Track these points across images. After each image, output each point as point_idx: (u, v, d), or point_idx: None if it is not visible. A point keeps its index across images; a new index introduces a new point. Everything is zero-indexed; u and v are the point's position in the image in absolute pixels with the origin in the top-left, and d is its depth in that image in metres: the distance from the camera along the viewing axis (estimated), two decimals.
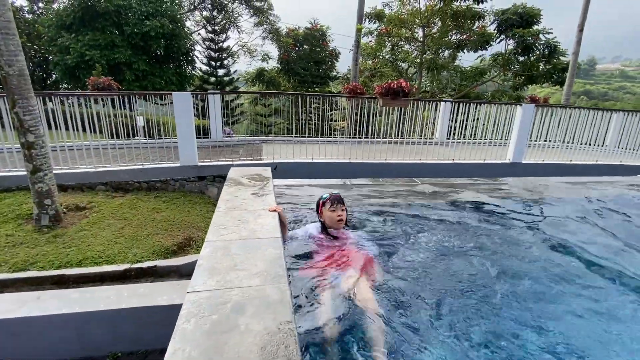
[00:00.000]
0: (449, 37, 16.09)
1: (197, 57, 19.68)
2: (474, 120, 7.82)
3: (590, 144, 8.00)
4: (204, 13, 19.95)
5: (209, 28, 19.68)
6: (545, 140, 7.61)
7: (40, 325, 2.36)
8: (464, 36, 15.90)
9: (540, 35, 14.70)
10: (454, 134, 8.17)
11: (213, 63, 19.93)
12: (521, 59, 15.68)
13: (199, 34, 20.19)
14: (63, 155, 4.84)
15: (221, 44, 19.97)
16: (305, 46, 19.96)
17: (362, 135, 7.59)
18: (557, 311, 1.78)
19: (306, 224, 2.50)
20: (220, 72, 20.29)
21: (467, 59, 17.79)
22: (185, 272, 3.26)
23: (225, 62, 20.36)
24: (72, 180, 4.71)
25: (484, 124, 7.96)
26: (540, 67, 15.48)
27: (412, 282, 1.89)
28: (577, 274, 2.17)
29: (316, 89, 21.79)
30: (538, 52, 15.09)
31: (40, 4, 18.18)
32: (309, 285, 1.66)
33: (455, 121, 8.29)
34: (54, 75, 17.34)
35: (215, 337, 0.86)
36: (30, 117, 3.47)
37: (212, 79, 20.16)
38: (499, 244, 2.51)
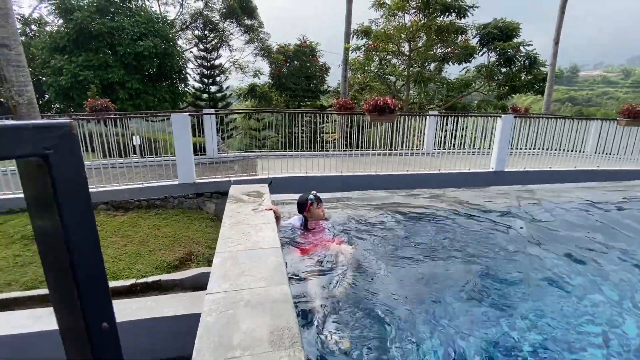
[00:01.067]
0: (434, 51, 16.75)
1: (190, 75, 20.05)
2: (458, 131, 8.20)
3: (570, 151, 8.45)
4: (196, 32, 20.42)
5: (201, 46, 20.13)
6: (527, 148, 8.02)
7: (56, 338, 2.52)
8: (449, 49, 16.58)
9: (521, 48, 15.43)
10: (443, 143, 8.53)
11: (205, 80, 20.31)
12: (504, 70, 16.36)
13: (191, 52, 20.61)
14: None
15: (213, 61, 20.41)
16: (295, 62, 20.50)
17: (353, 148, 7.90)
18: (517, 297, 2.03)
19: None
20: (213, 88, 20.66)
21: (453, 72, 18.44)
22: (188, 285, 3.44)
23: (218, 78, 20.77)
24: None
25: (471, 133, 8.35)
26: (522, 77, 16.17)
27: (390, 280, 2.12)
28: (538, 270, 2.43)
29: (308, 102, 22.26)
30: (519, 64, 15.80)
31: (34, 27, 18.45)
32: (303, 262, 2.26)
33: (444, 130, 8.68)
34: (46, 96, 17.48)
35: (233, 326, 1.07)
36: None
37: (205, 96, 20.49)
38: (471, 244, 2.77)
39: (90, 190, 3.53)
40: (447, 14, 15.40)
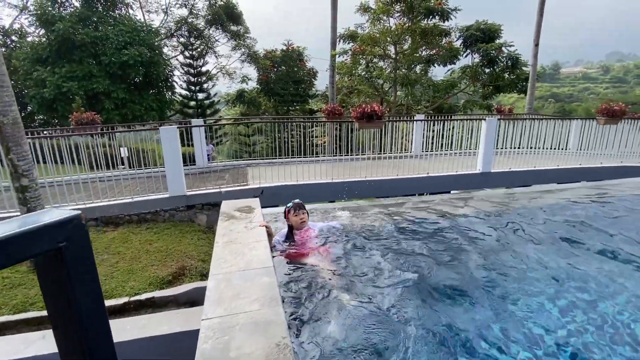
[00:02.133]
0: (420, 53, 17.03)
1: (177, 82, 19.91)
2: (445, 131, 8.36)
3: (554, 149, 8.70)
4: (181, 39, 20.29)
5: (187, 54, 20.02)
6: (512, 148, 8.23)
7: None
8: (434, 51, 16.88)
9: (503, 48, 15.82)
10: (431, 144, 8.66)
11: (192, 87, 20.19)
12: (487, 70, 16.73)
13: (177, 59, 20.46)
14: (52, 190, 4.95)
15: (200, 68, 20.31)
16: (283, 67, 20.55)
17: (342, 152, 7.98)
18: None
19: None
20: (200, 95, 20.55)
21: (439, 73, 18.85)
22: (182, 301, 3.44)
23: (205, 85, 20.67)
24: None
25: (458, 133, 8.52)
26: (506, 77, 16.55)
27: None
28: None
29: (297, 107, 22.33)
30: (502, 64, 16.18)
31: (14, 37, 18.07)
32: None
33: (432, 131, 8.84)
34: (28, 108, 17.12)
35: (229, 352, 1.11)
36: (24, 162, 3.63)
37: (192, 103, 20.36)
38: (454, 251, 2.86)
39: (78, 206, 3.54)
40: (430, 17, 15.70)
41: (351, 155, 7.70)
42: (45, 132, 6.18)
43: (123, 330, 2.83)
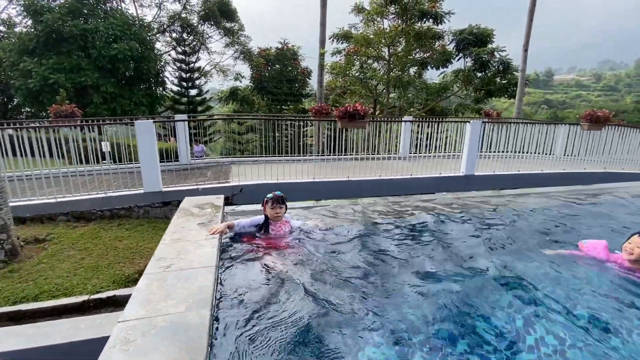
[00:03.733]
0: (413, 56, 17.03)
1: (168, 78, 19.69)
2: (434, 134, 8.34)
3: (540, 154, 8.74)
4: (174, 35, 20.07)
5: (179, 49, 19.81)
6: (498, 151, 8.23)
7: None
8: (427, 54, 16.90)
9: (495, 53, 15.89)
10: (419, 146, 8.64)
11: (184, 83, 19.98)
12: (479, 74, 16.79)
13: (169, 55, 20.24)
14: (22, 185, 4.80)
15: (192, 64, 20.11)
16: (277, 65, 20.44)
17: (330, 152, 7.91)
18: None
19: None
20: (192, 92, 20.35)
21: (432, 76, 18.93)
22: None
23: (197, 82, 20.47)
24: (30, 212, 4.66)
25: (445, 136, 8.51)
26: (497, 81, 16.63)
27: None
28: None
29: (290, 106, 22.23)
30: (494, 68, 16.24)
31: (2, 28, 17.71)
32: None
33: (420, 133, 8.83)
34: (15, 100, 16.79)
35: (136, 359, 1.03)
36: None
37: (184, 99, 20.16)
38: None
39: (49, 200, 3.42)
40: (424, 19, 15.71)
41: (338, 155, 7.63)
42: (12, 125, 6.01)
43: (76, 329, 2.72)
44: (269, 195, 2.94)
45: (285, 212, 3.03)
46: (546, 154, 9.12)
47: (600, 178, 7.36)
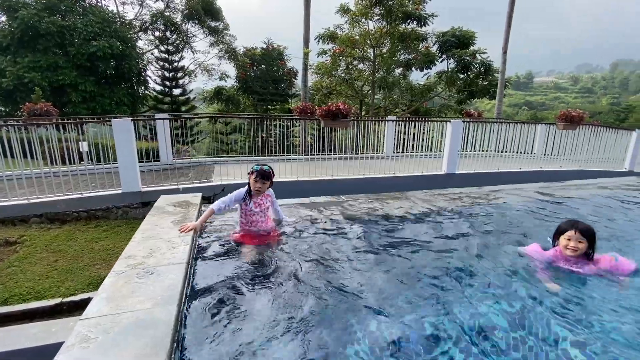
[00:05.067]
0: (398, 57, 17.24)
1: (151, 77, 19.28)
2: (418, 134, 8.46)
3: (520, 152, 8.99)
4: (157, 33, 19.67)
5: (162, 48, 19.44)
6: (480, 150, 8.42)
7: None
8: (412, 56, 17.14)
9: (477, 55, 16.25)
10: (407, 145, 8.73)
11: (168, 83, 19.61)
12: (462, 76, 17.13)
13: (152, 53, 19.82)
14: None
15: (176, 63, 19.76)
16: (262, 65, 20.29)
17: (316, 152, 7.91)
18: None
19: None
20: (176, 91, 19.99)
21: (416, 78, 19.14)
22: None
23: (181, 81, 20.12)
24: (1, 214, 4.48)
25: (432, 136, 8.64)
26: (479, 83, 17.01)
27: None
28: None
29: (277, 106, 22.11)
30: (476, 70, 16.61)
31: None
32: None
33: (405, 133, 8.93)
34: None
35: (96, 357, 1.00)
36: None
37: (167, 99, 19.78)
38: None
39: (21, 202, 3.29)
40: (408, 21, 15.94)
41: (323, 154, 7.64)
42: None
43: (47, 333, 2.63)
44: (255, 167, 2.90)
45: (268, 187, 3.02)
46: (527, 153, 9.41)
47: (574, 176, 7.62)
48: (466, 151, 8.27)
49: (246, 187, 2.94)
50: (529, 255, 2.61)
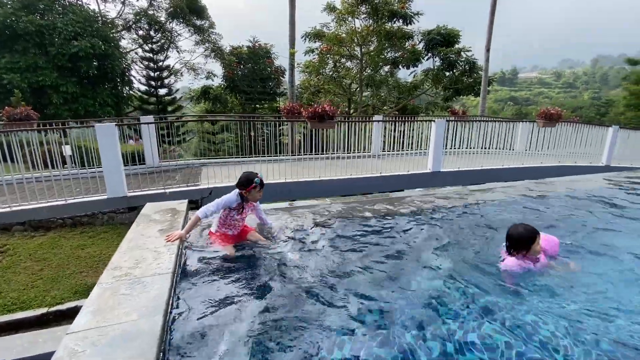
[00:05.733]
0: (385, 55, 17.37)
1: (135, 77, 18.94)
2: (406, 132, 8.59)
3: (503, 149, 9.23)
4: (140, 32, 19.29)
5: (146, 47, 19.10)
6: (466, 148, 8.61)
7: None
8: (399, 54, 17.29)
9: (462, 53, 16.51)
10: (395, 143, 8.85)
11: (153, 83, 19.29)
12: (448, 74, 17.38)
13: (136, 53, 19.44)
14: None
15: (161, 63, 19.45)
16: (249, 64, 20.16)
17: (305, 152, 7.95)
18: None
19: None
20: (162, 91, 19.69)
21: (403, 76, 19.32)
22: None
23: (167, 81, 19.83)
24: None
25: (420, 133, 8.78)
26: (464, 80, 17.28)
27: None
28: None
29: (265, 104, 22.02)
30: (461, 68, 16.87)
31: None
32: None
33: (397, 131, 9.04)
34: None
35: None
36: None
37: (153, 99, 19.47)
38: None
39: (3, 210, 3.24)
40: (394, 20, 16.07)
41: (311, 155, 7.69)
42: None
43: (33, 343, 2.63)
44: (257, 180, 2.97)
45: None
46: (511, 149, 9.67)
47: (555, 171, 7.88)
48: (452, 149, 8.46)
49: (235, 195, 2.94)
50: (513, 270, 2.50)
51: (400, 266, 2.71)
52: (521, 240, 2.48)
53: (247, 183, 2.92)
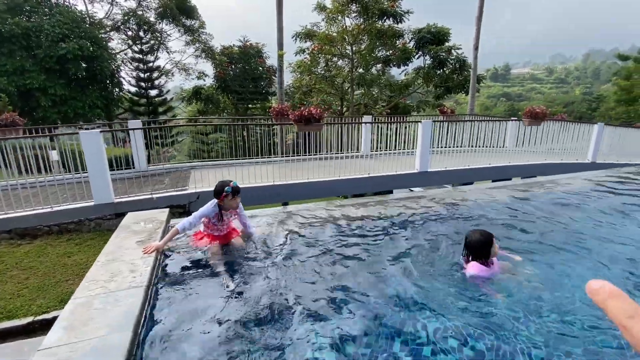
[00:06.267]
0: (376, 54, 17.41)
1: (125, 79, 18.78)
2: (391, 132, 8.67)
3: (492, 146, 9.35)
4: (129, 33, 19.11)
5: (136, 48, 18.94)
6: (455, 147, 8.72)
7: None
8: (390, 52, 17.35)
9: (452, 51, 16.61)
10: (386, 143, 8.91)
11: (143, 84, 19.15)
12: (438, 72, 17.48)
13: (125, 54, 19.26)
14: None
15: (151, 64, 19.30)
16: (240, 64, 20.08)
17: (295, 153, 7.99)
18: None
19: None
20: (152, 92, 19.55)
21: (396, 74, 19.42)
22: None
23: (157, 82, 19.68)
24: None
25: (413, 131, 8.85)
26: (455, 78, 17.40)
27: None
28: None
29: (257, 104, 21.97)
30: (451, 66, 16.98)
31: None
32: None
33: (390, 129, 9.10)
34: None
35: None
36: None
37: (143, 100, 19.33)
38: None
39: None
40: (384, 18, 16.12)
41: (301, 155, 7.73)
42: None
43: (19, 352, 2.67)
44: (228, 189, 2.97)
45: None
46: (500, 146, 9.80)
47: (541, 168, 8.02)
48: (441, 147, 8.56)
49: (212, 205, 2.98)
50: (480, 276, 2.51)
51: (375, 271, 2.78)
52: (480, 246, 2.50)
53: (218, 193, 2.96)
